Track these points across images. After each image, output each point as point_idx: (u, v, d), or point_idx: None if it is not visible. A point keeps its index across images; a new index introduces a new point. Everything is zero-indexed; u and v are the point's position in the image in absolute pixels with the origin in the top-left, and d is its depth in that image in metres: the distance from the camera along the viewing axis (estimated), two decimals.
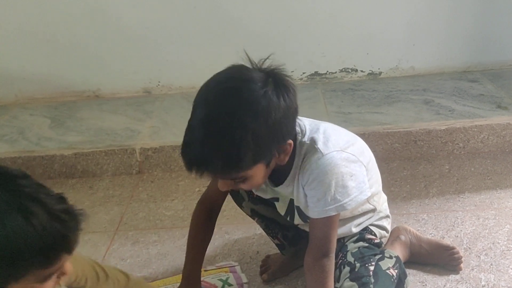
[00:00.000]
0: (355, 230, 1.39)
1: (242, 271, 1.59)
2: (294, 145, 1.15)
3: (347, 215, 1.35)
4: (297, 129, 1.19)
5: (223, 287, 1.51)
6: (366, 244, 1.38)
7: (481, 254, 1.57)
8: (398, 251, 1.47)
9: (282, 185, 1.26)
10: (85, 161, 2.24)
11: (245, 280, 1.55)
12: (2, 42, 2.69)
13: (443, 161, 2.15)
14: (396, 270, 1.34)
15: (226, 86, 1.05)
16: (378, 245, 1.41)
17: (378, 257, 1.35)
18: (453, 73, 2.74)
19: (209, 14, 2.64)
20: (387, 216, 1.47)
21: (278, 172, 1.20)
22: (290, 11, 2.64)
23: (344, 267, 1.33)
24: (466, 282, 1.47)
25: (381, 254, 1.36)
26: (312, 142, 1.19)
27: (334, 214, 1.19)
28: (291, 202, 1.31)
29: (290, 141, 1.12)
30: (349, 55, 2.74)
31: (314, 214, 1.21)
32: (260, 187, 1.29)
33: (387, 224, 1.47)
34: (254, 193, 1.39)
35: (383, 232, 1.45)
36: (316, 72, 2.78)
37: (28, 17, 2.64)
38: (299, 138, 1.20)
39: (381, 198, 1.44)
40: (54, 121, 2.56)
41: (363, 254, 1.34)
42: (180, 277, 1.42)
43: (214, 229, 1.42)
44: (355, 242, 1.38)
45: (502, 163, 2.09)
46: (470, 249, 1.60)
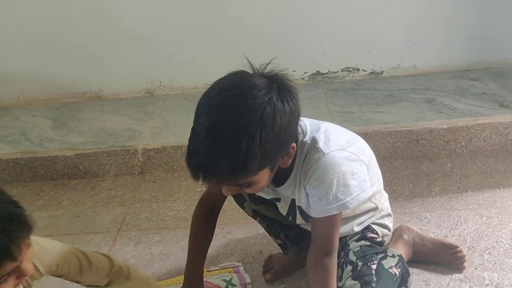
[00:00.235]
0: (357, 229, 1.39)
1: (245, 271, 1.59)
2: (295, 145, 1.15)
3: (349, 214, 1.35)
4: (298, 129, 1.18)
5: None
6: (368, 242, 1.38)
7: (484, 253, 1.57)
8: (401, 250, 1.47)
9: (283, 185, 1.25)
10: (87, 161, 2.24)
11: (248, 280, 1.55)
12: (2, 43, 2.70)
13: (446, 159, 2.14)
14: (399, 269, 1.34)
15: (230, 94, 1.04)
16: (380, 243, 1.41)
17: (380, 256, 1.35)
18: (455, 71, 2.74)
19: (210, 14, 2.64)
20: (389, 214, 1.47)
21: (280, 172, 1.19)
22: (290, 11, 2.64)
23: (346, 266, 1.33)
24: (470, 281, 1.46)
25: (383, 253, 1.36)
26: (313, 141, 1.19)
27: (336, 213, 1.19)
28: (293, 202, 1.31)
29: (293, 144, 1.12)
30: (350, 55, 2.74)
31: (316, 213, 1.21)
32: None
33: (389, 222, 1.47)
34: (256, 193, 1.39)
35: (385, 230, 1.45)
36: (317, 71, 2.78)
37: (28, 17, 2.65)
38: (300, 138, 1.20)
39: (382, 197, 1.44)
40: (56, 122, 2.57)
41: (365, 253, 1.34)
42: (183, 277, 1.42)
43: (217, 229, 1.41)
44: (357, 241, 1.38)
45: (505, 162, 2.09)
46: (473, 248, 1.60)
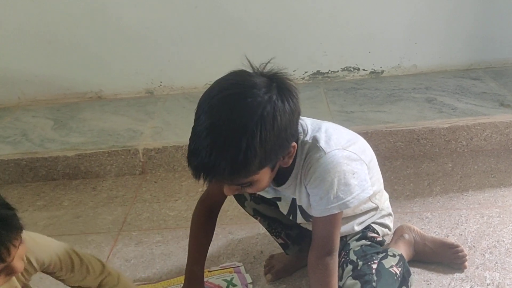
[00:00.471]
0: (358, 228, 1.39)
1: (246, 271, 1.59)
2: (296, 145, 1.15)
3: (350, 214, 1.35)
4: (299, 128, 1.18)
5: None
6: (369, 242, 1.38)
7: (485, 252, 1.57)
8: (402, 250, 1.47)
9: (284, 184, 1.26)
10: (88, 162, 2.24)
11: (249, 280, 1.55)
12: (2, 43, 2.70)
13: (446, 159, 2.14)
14: (399, 268, 1.34)
15: (230, 93, 1.04)
16: (381, 243, 1.41)
17: (381, 255, 1.35)
18: (455, 71, 2.74)
19: (210, 14, 2.64)
20: (389, 214, 1.47)
21: (280, 172, 1.19)
22: (290, 11, 2.63)
23: (346, 266, 1.33)
24: (471, 281, 1.46)
25: (384, 253, 1.36)
26: (314, 141, 1.19)
27: (337, 212, 1.19)
28: (293, 201, 1.31)
29: (294, 143, 1.12)
30: (351, 54, 2.74)
31: (316, 212, 1.21)
32: None
33: (390, 222, 1.47)
34: (256, 193, 1.39)
35: (386, 230, 1.45)
36: (318, 71, 2.78)
37: (28, 17, 2.65)
38: (301, 137, 1.20)
39: (383, 197, 1.44)
40: (57, 122, 2.57)
41: (366, 252, 1.34)
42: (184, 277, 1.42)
43: (218, 229, 1.42)
44: (358, 240, 1.38)
45: (506, 161, 2.08)
46: (474, 247, 1.60)
